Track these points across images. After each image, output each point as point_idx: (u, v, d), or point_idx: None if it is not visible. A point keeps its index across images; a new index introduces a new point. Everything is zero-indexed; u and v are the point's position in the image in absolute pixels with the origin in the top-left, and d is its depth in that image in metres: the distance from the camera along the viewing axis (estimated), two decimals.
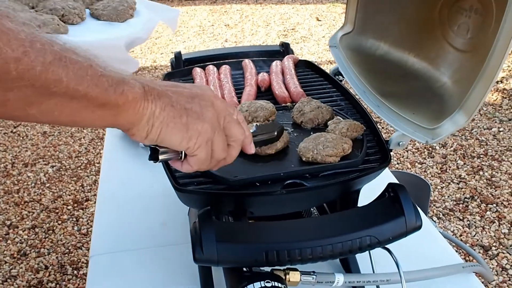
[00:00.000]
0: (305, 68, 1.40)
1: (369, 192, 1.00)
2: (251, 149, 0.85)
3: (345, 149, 0.98)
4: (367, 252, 0.98)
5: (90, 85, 0.61)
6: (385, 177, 1.37)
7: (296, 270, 0.91)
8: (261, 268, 0.88)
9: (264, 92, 1.28)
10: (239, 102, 1.21)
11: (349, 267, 1.07)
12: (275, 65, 1.36)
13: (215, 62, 1.39)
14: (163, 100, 0.71)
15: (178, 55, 1.41)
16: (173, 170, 0.97)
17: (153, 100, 0.70)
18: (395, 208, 0.88)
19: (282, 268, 0.90)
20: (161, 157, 0.76)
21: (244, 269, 0.87)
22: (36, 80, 0.56)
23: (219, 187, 0.92)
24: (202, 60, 1.42)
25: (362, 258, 1.05)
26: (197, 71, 1.33)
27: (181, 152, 0.76)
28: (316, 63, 1.41)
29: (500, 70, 0.80)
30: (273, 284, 0.84)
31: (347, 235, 0.84)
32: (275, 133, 0.96)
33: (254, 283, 0.83)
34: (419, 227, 0.89)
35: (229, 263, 0.86)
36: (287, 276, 0.89)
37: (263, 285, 0.83)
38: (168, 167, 0.97)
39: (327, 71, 1.36)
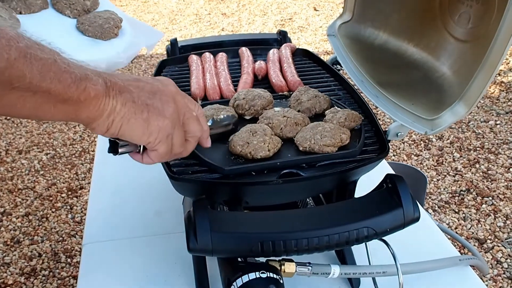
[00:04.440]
0: (303, 57, 1.38)
1: (366, 183, 0.98)
2: (208, 143, 0.87)
3: (343, 139, 0.96)
4: (363, 244, 0.97)
5: (53, 81, 0.61)
6: (383, 168, 1.36)
7: (291, 261, 0.89)
8: (256, 259, 0.86)
9: (261, 81, 1.26)
10: (236, 90, 1.19)
11: (344, 259, 1.06)
12: (272, 53, 1.34)
13: (211, 50, 1.37)
14: (124, 95, 0.71)
15: (174, 42, 1.39)
16: None
17: (115, 96, 0.70)
18: (393, 200, 0.87)
19: (277, 259, 0.88)
20: (120, 150, 0.77)
21: (239, 259, 0.86)
22: None
23: (214, 176, 0.91)
24: (198, 48, 1.40)
25: (357, 251, 1.05)
26: (193, 58, 1.31)
27: (140, 145, 0.77)
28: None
29: (502, 60, 0.79)
30: (268, 275, 0.83)
31: (344, 226, 0.82)
32: (231, 126, 0.99)
33: (249, 274, 0.82)
34: (417, 219, 0.87)
35: (223, 253, 0.84)
36: (283, 267, 0.88)
37: (258, 275, 0.82)
38: None
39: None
